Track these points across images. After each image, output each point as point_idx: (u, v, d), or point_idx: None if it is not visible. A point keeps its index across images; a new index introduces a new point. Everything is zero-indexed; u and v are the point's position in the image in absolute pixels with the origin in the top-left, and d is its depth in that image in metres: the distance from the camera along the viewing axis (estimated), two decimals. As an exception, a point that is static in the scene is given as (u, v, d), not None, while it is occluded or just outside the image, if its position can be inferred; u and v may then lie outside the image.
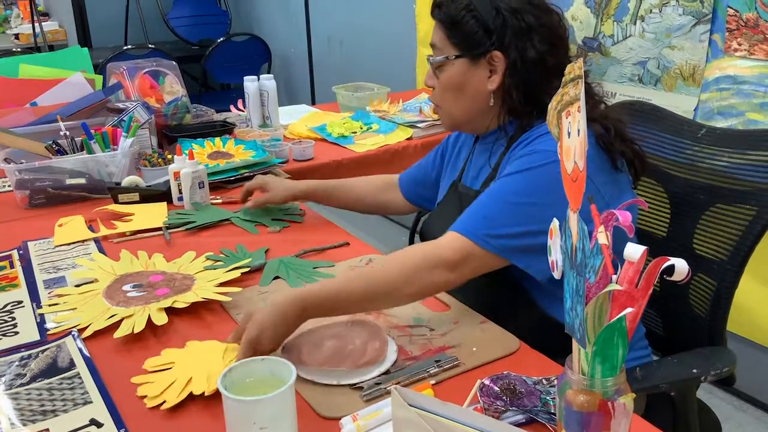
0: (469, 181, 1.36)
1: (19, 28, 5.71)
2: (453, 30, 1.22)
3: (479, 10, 1.20)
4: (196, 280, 1.29)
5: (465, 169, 1.39)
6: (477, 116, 1.27)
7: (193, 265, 1.36)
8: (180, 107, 2.25)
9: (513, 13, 1.19)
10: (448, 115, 1.31)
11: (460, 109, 1.27)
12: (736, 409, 2.24)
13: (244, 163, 1.90)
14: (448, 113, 1.30)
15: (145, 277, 1.30)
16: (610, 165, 1.15)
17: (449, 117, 1.31)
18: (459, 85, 1.25)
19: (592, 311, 0.69)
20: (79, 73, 2.28)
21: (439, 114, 1.33)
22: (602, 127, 1.15)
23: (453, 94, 1.26)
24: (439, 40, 1.25)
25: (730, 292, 1.25)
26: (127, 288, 1.26)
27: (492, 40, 1.19)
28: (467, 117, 1.28)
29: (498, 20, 1.19)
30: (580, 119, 0.72)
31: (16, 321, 1.19)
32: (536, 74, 1.19)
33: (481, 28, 1.20)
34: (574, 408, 0.72)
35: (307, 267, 1.37)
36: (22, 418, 0.92)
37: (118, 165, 1.81)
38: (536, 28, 1.19)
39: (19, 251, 1.47)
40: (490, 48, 1.20)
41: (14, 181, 1.72)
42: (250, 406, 0.79)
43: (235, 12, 5.47)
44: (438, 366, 1.01)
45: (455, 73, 1.24)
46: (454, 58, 1.23)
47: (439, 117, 1.34)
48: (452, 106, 1.28)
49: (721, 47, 2.03)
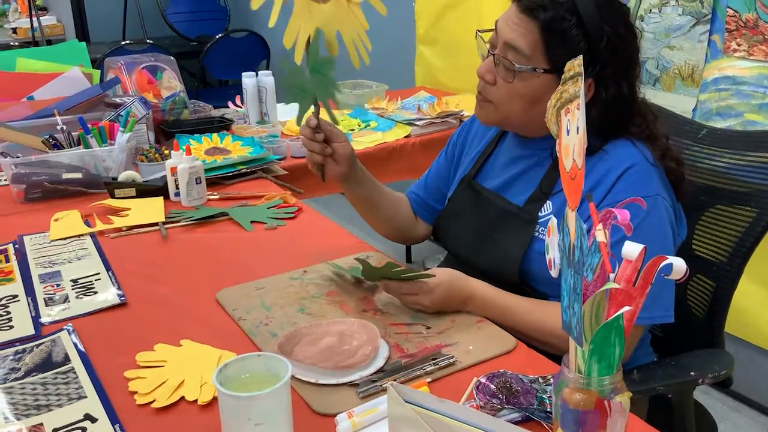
0: (491, 183, 1.31)
1: (17, 22, 5.68)
2: (558, 45, 1.10)
3: (590, 29, 1.08)
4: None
5: (482, 166, 1.35)
6: (535, 126, 1.20)
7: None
8: (178, 103, 2.24)
9: (619, 40, 1.10)
10: (501, 116, 1.21)
11: (522, 117, 1.19)
12: (731, 410, 2.24)
13: (241, 159, 1.89)
14: (503, 115, 1.20)
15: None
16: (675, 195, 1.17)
17: (502, 118, 1.21)
18: (536, 98, 1.14)
19: (589, 309, 0.69)
20: (77, 68, 2.27)
21: (487, 110, 1.22)
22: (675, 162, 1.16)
23: (524, 104, 1.17)
24: (529, 46, 1.12)
25: (728, 294, 1.25)
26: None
27: (595, 70, 1.10)
28: (524, 124, 1.21)
29: (607, 49, 1.09)
30: (579, 117, 0.71)
31: (11, 315, 1.18)
32: (621, 108, 1.13)
33: (589, 52, 1.07)
34: (570, 406, 0.72)
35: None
36: (16, 413, 0.92)
37: (115, 160, 1.80)
38: (634, 60, 1.14)
39: (14, 245, 1.47)
40: (588, 76, 1.10)
41: (10, 175, 1.71)
42: (245, 402, 0.78)
43: (234, 8, 5.46)
44: (434, 364, 1.00)
45: (538, 86, 1.13)
46: (542, 72, 1.12)
47: (483, 111, 1.23)
48: (515, 111, 1.18)
49: (721, 48, 2.03)
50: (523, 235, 1.19)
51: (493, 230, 1.24)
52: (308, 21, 1.21)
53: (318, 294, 1.24)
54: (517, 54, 1.13)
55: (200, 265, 1.38)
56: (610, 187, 1.12)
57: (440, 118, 2.47)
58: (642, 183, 1.11)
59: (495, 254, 1.23)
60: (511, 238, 1.21)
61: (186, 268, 1.37)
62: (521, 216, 1.21)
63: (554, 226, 0.76)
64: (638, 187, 1.10)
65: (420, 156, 2.35)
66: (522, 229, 1.20)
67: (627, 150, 1.13)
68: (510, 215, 1.23)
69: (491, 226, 1.25)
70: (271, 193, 1.75)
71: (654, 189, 1.11)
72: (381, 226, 1.48)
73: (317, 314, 1.17)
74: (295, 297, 1.23)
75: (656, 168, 1.13)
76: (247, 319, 1.15)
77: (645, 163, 1.12)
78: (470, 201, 1.32)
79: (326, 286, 1.27)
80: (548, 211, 1.18)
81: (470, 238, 1.30)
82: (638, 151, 1.13)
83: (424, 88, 3.13)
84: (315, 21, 1.21)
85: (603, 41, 1.09)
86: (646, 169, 1.12)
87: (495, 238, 1.23)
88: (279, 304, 1.20)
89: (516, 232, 1.20)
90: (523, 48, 1.12)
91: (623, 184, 1.11)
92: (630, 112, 1.16)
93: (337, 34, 1.23)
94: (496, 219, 1.25)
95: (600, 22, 1.09)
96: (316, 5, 1.20)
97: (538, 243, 1.17)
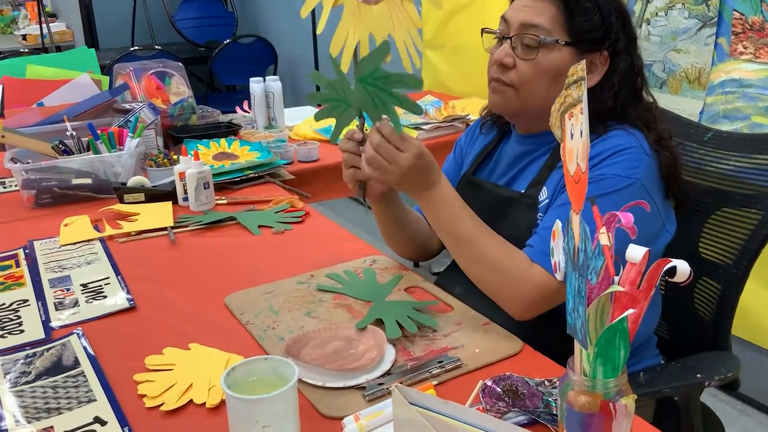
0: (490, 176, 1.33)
1: (26, 29, 5.73)
2: (574, 15, 1.16)
3: (601, 3, 1.16)
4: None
5: (481, 162, 1.36)
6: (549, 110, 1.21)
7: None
8: (186, 108, 2.25)
9: (624, 17, 1.18)
10: (522, 99, 1.20)
11: (543, 96, 1.17)
12: (740, 413, 2.23)
13: (249, 164, 1.90)
14: (524, 97, 1.19)
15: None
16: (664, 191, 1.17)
17: (523, 101, 1.20)
18: (558, 72, 1.16)
19: (593, 312, 0.69)
20: (86, 74, 2.29)
21: (506, 95, 1.21)
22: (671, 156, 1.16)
23: (547, 81, 1.18)
24: (549, 20, 1.16)
25: (735, 297, 1.25)
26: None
27: (611, 41, 1.16)
28: (542, 106, 1.16)
29: (618, 22, 1.16)
30: (582, 121, 0.72)
31: (22, 319, 1.19)
32: (631, 84, 1.18)
33: (604, 24, 1.16)
34: (575, 409, 0.72)
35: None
36: (27, 416, 0.93)
37: (124, 165, 1.82)
38: (635, 37, 1.20)
39: (25, 250, 1.48)
40: (604, 47, 1.16)
41: (21, 180, 1.73)
42: (253, 405, 0.79)
43: (242, 14, 5.49)
44: (440, 367, 1.01)
45: (560, 59, 1.17)
46: (564, 44, 1.16)
47: (500, 97, 1.22)
48: (539, 91, 1.18)
49: (727, 50, 2.03)
50: (526, 219, 1.20)
51: (496, 219, 1.24)
52: (358, 25, 1.13)
53: (325, 298, 1.25)
54: (537, 29, 1.17)
55: (208, 269, 1.39)
56: (598, 162, 1.13)
57: (447, 122, 2.48)
58: (628, 164, 1.11)
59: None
60: (516, 224, 1.21)
61: (194, 272, 1.38)
62: (523, 201, 1.22)
63: (559, 229, 0.77)
64: (623, 166, 1.11)
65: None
66: (525, 213, 1.21)
67: (625, 137, 1.14)
68: (512, 202, 1.24)
69: (493, 216, 1.25)
70: (278, 197, 1.76)
71: (639, 173, 1.11)
72: (404, 245, 1.42)
73: (324, 318, 1.17)
74: (303, 301, 1.24)
75: (650, 158, 1.13)
76: (254, 323, 1.16)
77: (639, 150, 1.13)
78: (470, 196, 1.32)
79: (333, 290, 1.28)
80: (544, 197, 1.20)
81: None
82: (636, 140, 1.14)
83: (430, 92, 3.14)
84: (365, 25, 1.13)
85: (613, 14, 1.16)
86: (638, 154, 1.12)
87: (498, 226, 1.24)
88: (286, 308, 1.21)
89: (520, 217, 1.21)
90: (543, 23, 1.16)
91: (611, 160, 1.13)
92: (639, 86, 1.20)
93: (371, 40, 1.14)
94: (498, 207, 1.26)
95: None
96: (366, 7, 1.13)
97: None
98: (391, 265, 1.38)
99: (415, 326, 1.10)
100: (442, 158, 1.55)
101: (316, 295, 1.26)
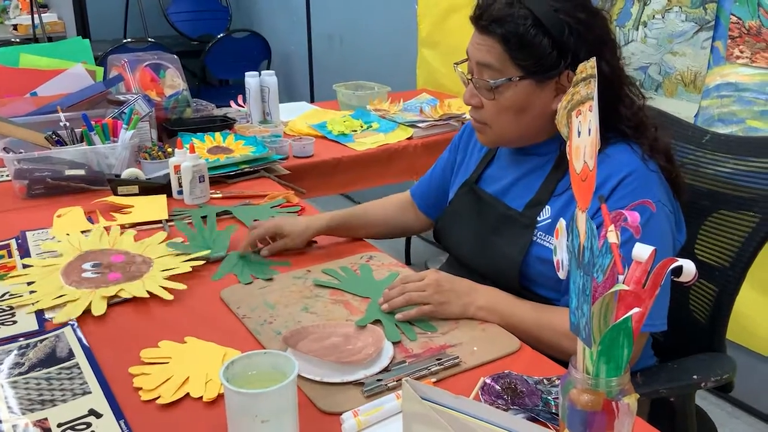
0: (492, 188, 1.31)
1: (17, 18, 5.66)
2: (520, 50, 1.12)
3: (548, 26, 1.10)
4: (152, 267, 1.29)
5: (483, 171, 1.35)
6: (531, 134, 1.21)
7: (157, 248, 1.38)
8: (180, 101, 2.24)
9: (583, 26, 1.11)
10: (497, 134, 1.22)
11: (516, 128, 1.20)
12: (729, 416, 2.24)
13: (244, 158, 1.89)
14: (498, 133, 1.22)
15: (107, 257, 1.31)
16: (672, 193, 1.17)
17: (499, 136, 1.23)
18: (522, 106, 1.16)
19: (598, 311, 0.69)
20: (80, 65, 2.27)
21: (484, 132, 1.24)
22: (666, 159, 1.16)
23: (513, 116, 1.18)
24: (497, 59, 1.14)
25: (731, 299, 1.25)
26: (86, 266, 1.28)
27: (567, 62, 1.11)
28: (520, 135, 1.21)
29: (571, 38, 1.10)
30: (591, 119, 0.72)
31: (14, 310, 1.18)
32: (610, 89, 1.13)
33: (555, 48, 1.10)
34: (578, 407, 0.72)
35: (263, 265, 1.36)
36: (21, 407, 0.92)
37: (118, 157, 1.80)
38: (605, 38, 1.14)
39: (17, 241, 1.46)
40: (563, 69, 1.12)
41: (13, 170, 1.71)
42: (251, 399, 0.78)
43: (236, 8, 5.46)
44: (439, 364, 1.00)
45: (519, 94, 1.15)
46: (518, 79, 1.14)
47: (481, 134, 1.25)
48: (508, 125, 1.19)
49: (723, 54, 2.03)
50: (522, 239, 1.19)
51: (493, 234, 1.25)
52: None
53: (322, 293, 1.24)
54: (491, 70, 1.15)
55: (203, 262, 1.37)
56: (608, 194, 1.12)
57: (442, 121, 2.47)
58: (642, 190, 1.11)
59: (495, 258, 1.23)
60: (511, 242, 1.21)
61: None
62: (520, 220, 1.21)
63: (563, 227, 0.77)
64: (638, 194, 1.10)
65: (422, 158, 2.35)
66: (521, 233, 1.20)
67: (627, 156, 1.13)
68: (509, 219, 1.23)
69: (491, 230, 1.26)
70: (273, 192, 1.75)
71: (654, 195, 1.11)
72: (374, 236, 1.53)
73: (321, 313, 1.17)
74: (299, 296, 1.23)
75: (655, 174, 1.13)
76: (251, 318, 1.15)
77: (644, 170, 1.12)
78: (471, 205, 1.33)
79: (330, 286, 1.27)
80: (546, 216, 1.19)
81: (471, 241, 1.30)
82: (637, 157, 1.13)
83: (426, 90, 3.13)
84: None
85: (565, 32, 1.11)
86: (645, 175, 1.12)
87: (494, 241, 1.24)
88: (283, 302, 1.20)
89: (515, 236, 1.21)
90: (493, 63, 1.15)
91: (622, 191, 1.11)
92: (617, 89, 1.16)
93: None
94: (496, 223, 1.25)
95: (555, 14, 1.11)
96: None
97: (537, 247, 1.18)
98: (388, 262, 1.37)
99: (416, 334, 1.10)
100: (436, 156, 1.55)
101: (313, 290, 1.25)
